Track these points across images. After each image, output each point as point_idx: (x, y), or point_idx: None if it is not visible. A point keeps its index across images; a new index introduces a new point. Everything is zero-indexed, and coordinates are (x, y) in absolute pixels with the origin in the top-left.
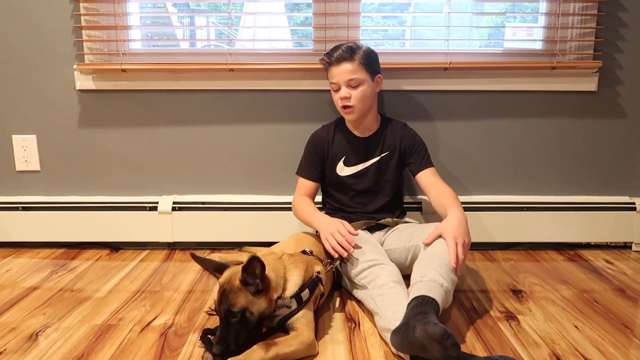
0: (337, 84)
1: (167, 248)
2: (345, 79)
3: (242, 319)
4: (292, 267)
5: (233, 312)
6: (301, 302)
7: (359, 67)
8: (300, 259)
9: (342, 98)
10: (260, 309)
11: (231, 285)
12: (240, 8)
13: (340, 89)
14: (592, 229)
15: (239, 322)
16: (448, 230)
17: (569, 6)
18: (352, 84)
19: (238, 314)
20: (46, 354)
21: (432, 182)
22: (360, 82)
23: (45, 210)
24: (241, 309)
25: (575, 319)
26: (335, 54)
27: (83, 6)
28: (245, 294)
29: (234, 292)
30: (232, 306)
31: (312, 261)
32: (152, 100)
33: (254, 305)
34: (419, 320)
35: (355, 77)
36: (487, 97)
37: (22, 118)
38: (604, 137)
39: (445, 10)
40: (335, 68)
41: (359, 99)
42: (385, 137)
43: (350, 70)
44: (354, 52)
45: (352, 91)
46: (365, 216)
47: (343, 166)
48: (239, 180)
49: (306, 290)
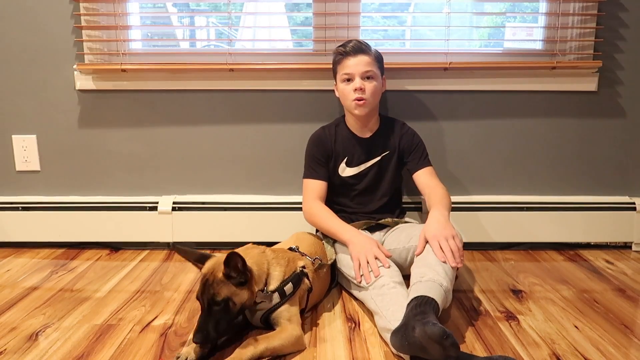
0: (351, 75)
1: (167, 248)
2: (361, 70)
3: (225, 308)
4: (275, 262)
5: (217, 301)
6: (284, 296)
7: (374, 61)
8: (282, 254)
9: (356, 89)
10: (243, 299)
11: (214, 276)
12: (240, 8)
13: (354, 80)
14: (592, 229)
15: (221, 311)
16: (428, 232)
17: (569, 6)
18: (367, 75)
19: (221, 303)
20: (46, 354)
21: (428, 181)
22: (375, 75)
23: (45, 210)
24: (225, 298)
25: (575, 319)
26: (352, 45)
27: (83, 6)
28: (228, 285)
29: (217, 283)
30: (215, 295)
31: (296, 257)
32: (152, 100)
33: (237, 295)
34: (418, 321)
35: (371, 70)
36: (487, 97)
37: (22, 118)
38: (603, 137)
39: (445, 10)
40: (353, 58)
41: (372, 92)
42: (385, 136)
43: (367, 62)
44: (368, 46)
45: (366, 84)
46: (365, 216)
47: (345, 167)
48: (239, 180)
49: (289, 285)
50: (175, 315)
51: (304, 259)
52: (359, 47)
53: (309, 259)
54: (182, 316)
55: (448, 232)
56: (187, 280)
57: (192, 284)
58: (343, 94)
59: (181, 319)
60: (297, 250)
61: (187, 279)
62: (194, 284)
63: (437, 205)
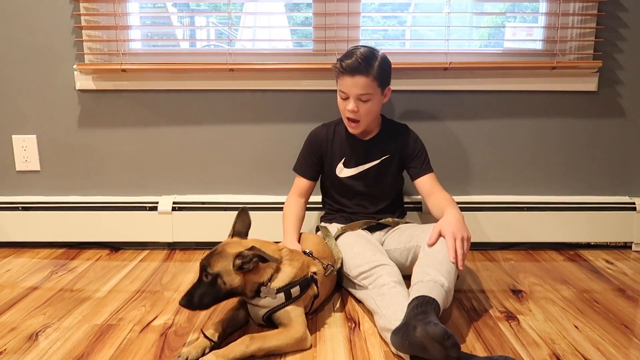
0: (346, 94)
1: (167, 248)
2: (356, 92)
3: (213, 283)
4: (287, 262)
5: (208, 272)
6: (290, 297)
7: (372, 82)
8: (298, 256)
9: (349, 110)
10: (233, 282)
11: (223, 249)
12: (240, 8)
13: (348, 100)
14: (592, 229)
15: (209, 284)
16: (446, 227)
17: (569, 6)
18: (362, 99)
19: (210, 276)
20: (46, 354)
21: (431, 188)
22: (370, 97)
23: (45, 210)
24: (216, 272)
25: (575, 319)
26: (351, 63)
27: (83, 6)
28: (225, 262)
29: (219, 255)
30: (209, 266)
31: (310, 261)
32: (152, 100)
33: (228, 276)
34: (420, 321)
35: (366, 93)
36: (487, 97)
37: (22, 118)
38: (604, 137)
39: (445, 10)
40: (349, 79)
41: (365, 113)
42: (386, 140)
43: (363, 85)
44: (370, 65)
45: (360, 105)
46: (365, 217)
47: (342, 167)
48: (239, 180)
49: (297, 288)
50: (175, 315)
51: (317, 264)
52: (357, 67)
53: (321, 265)
54: (182, 316)
55: (465, 233)
56: (187, 280)
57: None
58: (339, 107)
59: (181, 319)
60: (311, 255)
61: (187, 279)
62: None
63: (451, 205)
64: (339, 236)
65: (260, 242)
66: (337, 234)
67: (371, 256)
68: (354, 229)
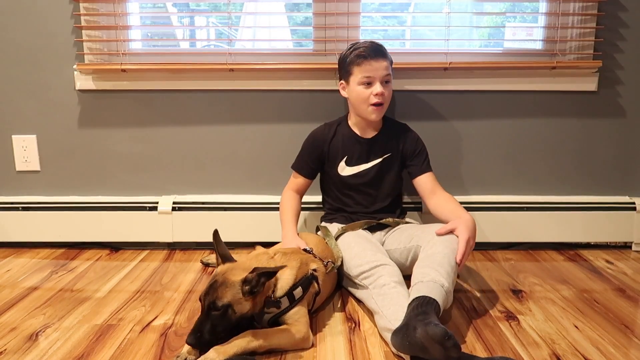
0: (372, 79)
1: (167, 248)
2: (383, 74)
3: (223, 314)
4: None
5: (217, 305)
6: (293, 300)
7: (389, 65)
8: (294, 257)
9: (377, 94)
10: (244, 310)
11: (224, 279)
12: (240, 8)
13: (374, 84)
14: (592, 229)
15: (219, 317)
16: (464, 230)
17: (569, 6)
18: (387, 79)
19: (221, 309)
20: (46, 354)
21: (432, 187)
22: (390, 79)
23: (45, 210)
24: (225, 304)
25: (575, 319)
26: (370, 47)
27: (83, 6)
28: (233, 291)
29: (224, 286)
30: (217, 299)
31: (309, 259)
32: (152, 100)
33: (239, 305)
34: (420, 321)
35: (389, 74)
36: (487, 97)
37: (22, 118)
38: (603, 137)
39: (445, 10)
40: (375, 62)
41: (388, 96)
42: (388, 139)
43: (386, 66)
44: (385, 50)
45: (385, 87)
46: (366, 216)
47: (345, 166)
48: (239, 180)
49: (299, 289)
50: (175, 315)
51: (317, 261)
52: (379, 51)
53: (321, 262)
54: (182, 316)
55: (475, 237)
56: (187, 281)
57: (192, 284)
58: (360, 97)
59: (181, 319)
60: (311, 252)
61: (187, 279)
62: (194, 284)
63: (462, 208)
64: (340, 236)
65: (253, 258)
66: (337, 234)
67: (372, 256)
68: (354, 229)
